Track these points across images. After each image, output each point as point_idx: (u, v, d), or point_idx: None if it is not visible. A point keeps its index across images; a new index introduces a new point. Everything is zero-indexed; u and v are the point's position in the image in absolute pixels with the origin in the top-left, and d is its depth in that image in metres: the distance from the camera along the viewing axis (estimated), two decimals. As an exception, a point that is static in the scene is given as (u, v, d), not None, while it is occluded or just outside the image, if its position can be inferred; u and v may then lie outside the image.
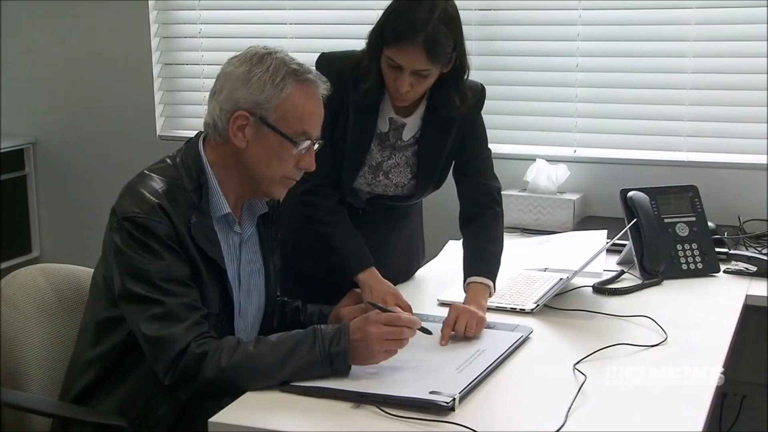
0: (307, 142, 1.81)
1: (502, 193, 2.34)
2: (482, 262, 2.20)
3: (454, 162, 2.32)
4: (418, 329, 1.80)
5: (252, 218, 1.93)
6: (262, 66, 1.78)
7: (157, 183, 1.78)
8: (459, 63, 2.13)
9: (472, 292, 2.13)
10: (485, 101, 2.29)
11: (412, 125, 2.25)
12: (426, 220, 2.57)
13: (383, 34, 2.07)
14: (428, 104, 2.21)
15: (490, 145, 2.33)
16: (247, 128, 1.78)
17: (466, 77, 2.17)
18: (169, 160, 1.84)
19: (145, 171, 1.82)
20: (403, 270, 2.46)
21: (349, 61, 2.17)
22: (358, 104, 2.19)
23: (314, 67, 2.19)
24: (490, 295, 2.17)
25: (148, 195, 1.74)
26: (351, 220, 2.27)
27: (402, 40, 2.02)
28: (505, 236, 2.31)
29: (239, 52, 1.84)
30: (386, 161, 2.28)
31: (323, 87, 1.83)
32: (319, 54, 2.25)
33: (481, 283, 2.15)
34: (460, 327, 1.95)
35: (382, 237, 2.34)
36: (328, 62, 2.21)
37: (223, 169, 1.82)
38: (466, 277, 2.18)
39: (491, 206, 2.28)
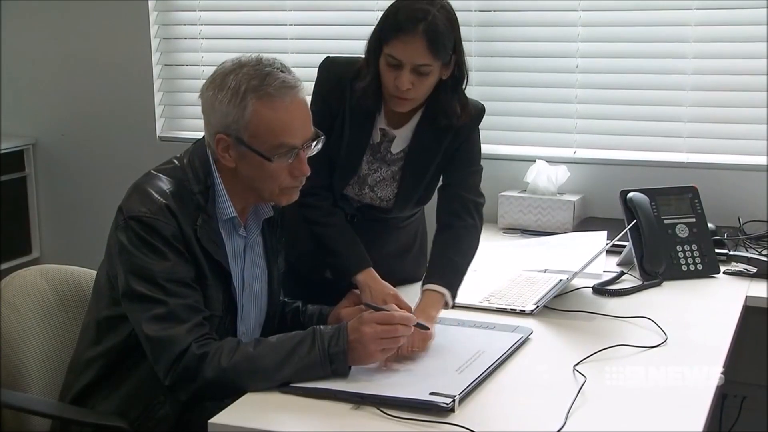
0: (291, 152, 1.78)
1: (502, 193, 2.33)
2: (443, 271, 2.14)
3: (441, 176, 2.29)
4: (415, 325, 1.80)
5: (257, 222, 1.93)
6: (223, 89, 1.76)
7: (165, 183, 1.78)
8: (458, 69, 2.12)
9: (424, 300, 2.08)
10: (484, 118, 2.26)
11: (402, 138, 2.23)
12: (430, 227, 2.54)
13: (382, 31, 2.07)
14: (425, 114, 2.19)
15: (490, 146, 2.32)
16: (230, 149, 1.78)
17: (465, 84, 2.16)
18: (176, 161, 1.85)
19: (153, 171, 1.83)
20: (401, 276, 2.36)
21: (352, 67, 2.16)
22: (355, 110, 2.17)
23: (317, 69, 2.21)
24: (447, 306, 2.11)
25: (156, 195, 1.75)
26: None
27: (402, 32, 2.01)
28: (504, 237, 2.31)
29: (220, 65, 1.82)
30: (372, 174, 2.26)
31: (294, 91, 1.77)
32: (318, 55, 2.25)
33: (435, 291, 2.09)
34: (404, 347, 1.83)
35: (374, 244, 2.28)
36: (329, 67, 2.21)
37: (227, 177, 1.83)
38: (423, 283, 2.13)
39: (465, 218, 2.23)
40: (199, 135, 1.90)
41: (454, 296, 2.13)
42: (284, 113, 1.77)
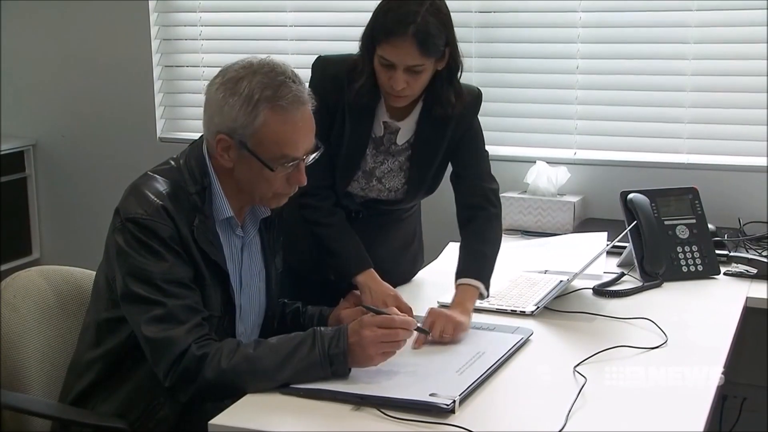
0: (291, 163, 1.79)
1: (502, 194, 2.34)
2: (473, 264, 2.18)
3: (450, 166, 2.31)
4: (415, 329, 1.80)
5: (255, 222, 1.93)
6: (235, 94, 1.74)
7: (161, 185, 1.78)
8: (452, 59, 2.12)
9: (459, 294, 2.11)
10: (482, 105, 2.28)
11: (406, 129, 2.24)
12: (425, 223, 2.57)
13: (373, 33, 2.07)
14: (424, 104, 2.20)
15: (490, 147, 2.33)
16: (231, 150, 1.78)
17: (459, 74, 2.17)
18: (173, 162, 1.85)
19: (149, 172, 1.83)
20: (400, 273, 2.44)
21: (345, 64, 2.17)
22: (354, 107, 2.18)
23: (310, 69, 2.21)
24: (482, 297, 2.15)
25: (153, 197, 1.75)
26: None
27: (392, 35, 2.01)
28: (505, 238, 2.31)
29: (228, 66, 1.80)
30: (379, 167, 2.27)
31: (306, 106, 1.78)
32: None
33: (470, 285, 2.13)
34: (436, 332, 1.92)
35: (376, 240, 2.31)
36: (323, 66, 2.21)
37: (224, 177, 1.83)
38: (456, 278, 2.16)
39: (486, 207, 2.26)
40: (199, 136, 1.90)
41: (487, 287, 2.16)
42: (293, 127, 1.77)
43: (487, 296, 2.18)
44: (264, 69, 1.77)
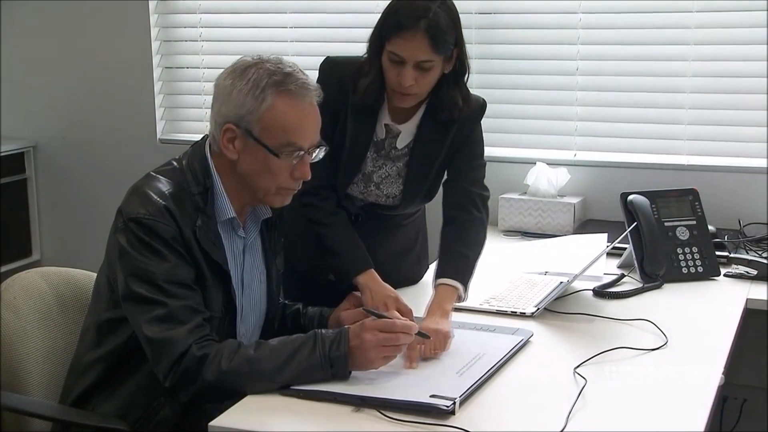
0: (297, 153, 1.79)
1: (502, 196, 2.34)
2: (453, 264, 2.16)
3: (446, 171, 2.30)
4: (416, 334, 1.80)
5: (256, 223, 1.94)
6: (243, 79, 1.77)
7: (164, 185, 1.78)
8: (459, 62, 2.13)
9: (438, 295, 2.09)
10: (485, 114, 2.28)
11: (407, 133, 2.24)
12: (428, 225, 2.56)
13: (383, 29, 2.08)
14: (428, 108, 2.21)
15: (490, 149, 2.32)
16: (236, 140, 1.79)
17: (467, 78, 2.17)
18: (175, 163, 1.85)
19: (152, 173, 1.83)
20: (402, 277, 2.41)
21: (352, 66, 2.17)
22: (357, 109, 2.18)
23: (318, 70, 2.21)
24: (460, 299, 2.13)
25: (155, 197, 1.75)
26: None
27: (404, 29, 2.02)
28: (505, 239, 2.31)
29: (238, 60, 1.84)
30: (377, 171, 2.27)
31: (313, 94, 1.80)
32: (319, 57, 2.26)
33: (449, 285, 2.11)
34: (426, 349, 1.86)
35: (375, 243, 2.30)
36: (330, 68, 2.22)
37: (226, 177, 1.83)
38: (435, 278, 2.15)
39: (470, 210, 2.24)
40: (200, 137, 1.90)
41: (466, 289, 2.14)
42: (300, 113, 1.78)
43: (465, 299, 2.15)
44: (273, 60, 1.82)
